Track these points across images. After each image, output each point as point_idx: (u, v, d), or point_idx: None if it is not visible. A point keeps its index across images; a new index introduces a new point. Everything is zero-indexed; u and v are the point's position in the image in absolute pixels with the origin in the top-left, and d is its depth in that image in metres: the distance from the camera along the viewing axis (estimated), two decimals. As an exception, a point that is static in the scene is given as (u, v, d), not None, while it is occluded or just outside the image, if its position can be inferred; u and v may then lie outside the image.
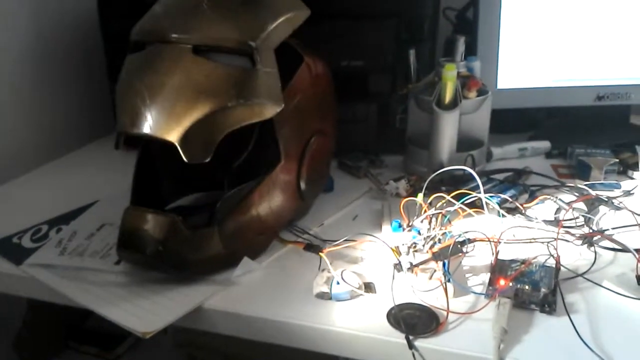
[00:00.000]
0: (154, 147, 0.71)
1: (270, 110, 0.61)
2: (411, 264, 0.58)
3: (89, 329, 0.95)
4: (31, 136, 0.98)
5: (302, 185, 0.69)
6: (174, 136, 0.56)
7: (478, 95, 0.83)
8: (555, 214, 0.73)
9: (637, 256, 0.59)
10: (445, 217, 0.64)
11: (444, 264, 0.57)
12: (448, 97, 0.80)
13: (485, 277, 0.59)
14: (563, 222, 0.69)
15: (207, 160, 0.58)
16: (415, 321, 0.53)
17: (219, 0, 0.62)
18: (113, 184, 0.81)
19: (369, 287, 0.59)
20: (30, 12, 0.96)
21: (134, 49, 0.62)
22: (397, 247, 0.60)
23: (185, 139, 0.56)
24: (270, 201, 0.65)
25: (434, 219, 0.64)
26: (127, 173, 0.68)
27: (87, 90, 1.08)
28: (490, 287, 0.57)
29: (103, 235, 0.69)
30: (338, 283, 0.58)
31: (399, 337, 0.52)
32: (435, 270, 0.58)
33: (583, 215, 0.71)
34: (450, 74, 0.79)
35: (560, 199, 0.74)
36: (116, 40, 0.93)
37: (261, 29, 0.61)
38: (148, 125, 0.57)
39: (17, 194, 0.84)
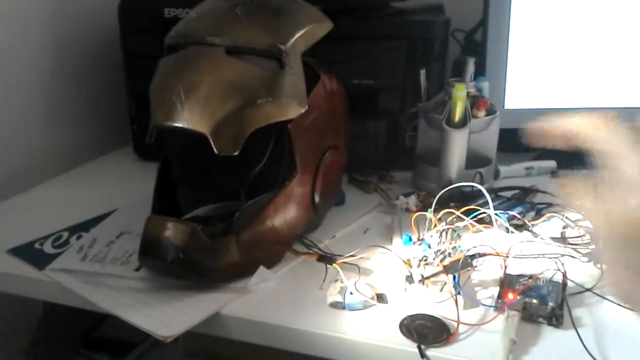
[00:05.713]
0: (173, 157, 0.73)
1: (295, 110, 0.64)
2: (422, 276, 0.60)
3: (100, 337, 0.96)
4: (51, 145, 1.01)
5: (316, 198, 0.71)
6: (206, 128, 0.59)
7: (487, 115, 0.86)
8: (562, 230, 0.75)
9: None
10: (455, 232, 0.66)
11: (454, 277, 0.59)
12: (458, 115, 0.83)
13: (494, 290, 0.61)
14: (569, 239, 0.71)
15: (236, 153, 0.60)
16: (426, 331, 0.55)
17: (251, 8, 0.66)
18: (130, 194, 0.83)
19: (381, 298, 0.61)
20: (52, 27, 0.99)
21: (168, 53, 0.66)
22: (409, 259, 0.62)
23: (216, 131, 0.59)
24: (285, 213, 0.67)
25: (444, 234, 0.65)
26: (144, 183, 0.70)
27: (106, 103, 1.11)
28: (499, 300, 0.59)
29: (122, 243, 0.71)
30: (352, 293, 0.59)
31: (411, 347, 0.53)
32: (445, 283, 0.59)
33: (590, 233, 0.73)
34: (460, 94, 0.82)
35: (566, 217, 0.76)
36: (136, 55, 0.97)
37: (290, 34, 0.65)
38: (182, 119, 0.59)
39: (38, 202, 0.86)
